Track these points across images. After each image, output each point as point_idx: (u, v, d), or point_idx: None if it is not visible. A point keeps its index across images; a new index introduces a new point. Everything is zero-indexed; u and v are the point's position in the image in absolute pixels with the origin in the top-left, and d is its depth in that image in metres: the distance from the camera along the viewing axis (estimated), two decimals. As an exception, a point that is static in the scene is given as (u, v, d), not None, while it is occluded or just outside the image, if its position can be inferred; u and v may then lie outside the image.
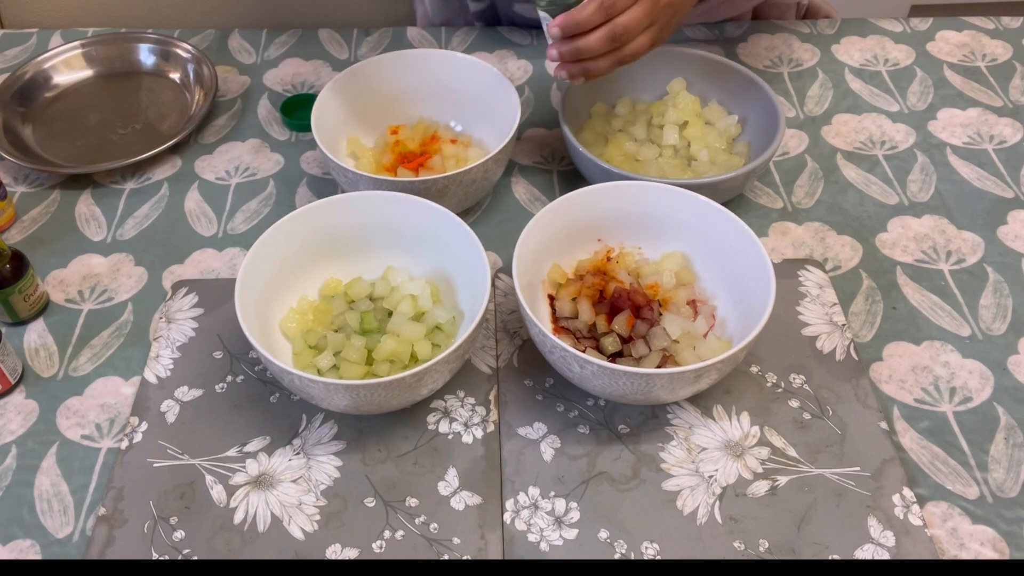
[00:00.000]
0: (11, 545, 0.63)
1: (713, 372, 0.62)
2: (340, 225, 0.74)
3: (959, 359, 0.73)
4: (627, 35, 0.72)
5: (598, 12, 0.71)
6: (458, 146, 0.86)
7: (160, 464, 0.66)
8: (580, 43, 0.72)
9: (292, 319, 0.72)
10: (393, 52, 0.90)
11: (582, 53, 0.73)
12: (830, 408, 0.69)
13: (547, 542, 0.62)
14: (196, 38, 1.08)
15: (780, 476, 0.65)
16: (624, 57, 0.74)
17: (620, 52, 0.74)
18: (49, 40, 1.08)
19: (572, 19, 0.71)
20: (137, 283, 0.80)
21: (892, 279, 0.79)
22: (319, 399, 0.63)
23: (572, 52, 0.73)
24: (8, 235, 0.84)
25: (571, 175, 0.89)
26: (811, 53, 1.04)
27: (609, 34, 0.72)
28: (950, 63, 1.02)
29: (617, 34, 0.72)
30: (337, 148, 0.85)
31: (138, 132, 0.95)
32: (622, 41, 0.73)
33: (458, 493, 0.64)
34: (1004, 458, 0.66)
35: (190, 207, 0.87)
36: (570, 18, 0.71)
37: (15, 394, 0.71)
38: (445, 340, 0.70)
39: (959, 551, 0.61)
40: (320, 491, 0.64)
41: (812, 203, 0.86)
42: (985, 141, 0.92)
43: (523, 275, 0.68)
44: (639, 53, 0.74)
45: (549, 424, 0.68)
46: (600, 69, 0.75)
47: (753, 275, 0.68)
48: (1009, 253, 0.81)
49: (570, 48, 0.73)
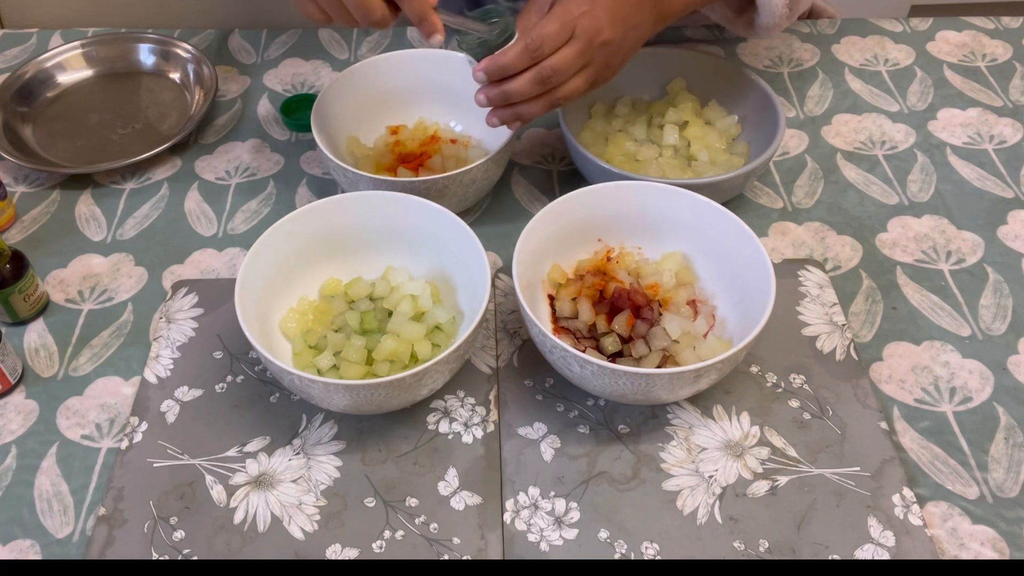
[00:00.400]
0: (11, 545, 0.63)
1: (713, 372, 0.62)
2: (340, 225, 0.74)
3: (959, 359, 0.73)
4: (557, 77, 0.68)
5: (523, 55, 0.67)
6: (458, 146, 0.86)
7: (160, 464, 0.66)
8: (507, 87, 0.69)
9: (292, 319, 0.72)
10: (393, 52, 0.90)
11: (511, 97, 0.69)
12: (830, 408, 0.69)
13: (547, 542, 0.62)
14: (196, 38, 1.08)
15: (780, 476, 0.65)
16: (557, 100, 0.70)
17: (552, 95, 0.70)
18: (49, 40, 1.08)
19: (496, 63, 0.67)
20: (137, 283, 0.80)
21: (892, 279, 0.79)
22: (319, 399, 0.63)
23: (500, 96, 0.69)
24: (8, 235, 0.84)
25: (571, 175, 0.89)
26: (811, 53, 1.04)
27: (537, 77, 0.68)
28: (950, 63, 1.02)
29: (545, 76, 0.68)
30: (337, 148, 0.85)
31: (138, 132, 0.95)
32: (552, 84, 0.69)
33: (458, 493, 0.64)
34: (1004, 458, 0.66)
35: (190, 207, 0.87)
36: (494, 62, 0.67)
37: (15, 394, 0.71)
38: (445, 340, 0.70)
39: (959, 551, 0.61)
40: (320, 491, 0.64)
41: (812, 203, 0.86)
42: (985, 141, 0.93)
43: (523, 275, 0.68)
44: (574, 95, 0.70)
45: (549, 424, 0.68)
46: (532, 113, 0.71)
47: (753, 275, 0.68)
48: (1009, 253, 0.81)
49: (498, 92, 0.69)
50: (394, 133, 0.89)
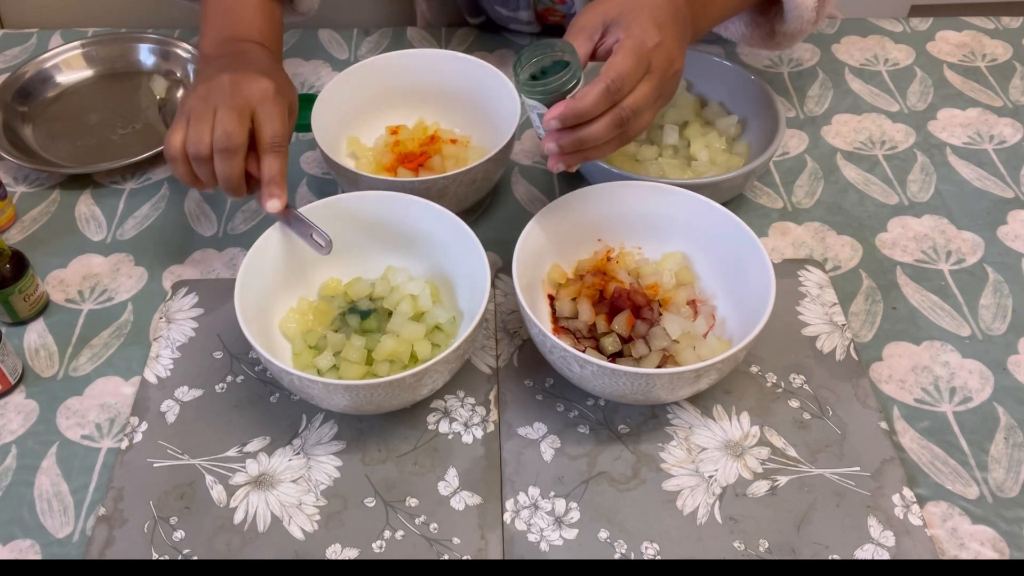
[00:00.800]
0: (11, 545, 0.63)
1: (713, 372, 0.62)
2: (340, 225, 0.74)
3: (959, 359, 0.73)
4: (635, 118, 0.63)
5: (603, 98, 0.61)
6: (458, 146, 0.86)
7: (160, 464, 0.66)
8: (584, 133, 0.63)
9: (292, 319, 0.72)
10: (393, 52, 0.90)
11: (586, 143, 0.63)
12: (830, 408, 0.69)
13: (547, 542, 0.62)
14: (196, 38, 1.07)
15: (780, 476, 0.65)
16: (628, 139, 0.65)
17: (626, 134, 0.64)
18: (49, 40, 1.08)
19: (574, 110, 0.61)
20: (137, 283, 0.80)
21: (892, 279, 0.79)
22: (319, 399, 0.63)
23: (575, 144, 0.63)
24: (8, 235, 0.84)
25: (571, 175, 0.89)
26: (811, 53, 1.04)
27: (616, 120, 0.62)
28: (950, 63, 1.02)
29: (625, 118, 0.62)
30: (337, 148, 0.85)
31: (138, 132, 0.95)
32: (629, 125, 0.63)
33: (458, 493, 0.64)
34: (1004, 458, 0.66)
35: (190, 207, 0.87)
36: (571, 109, 0.61)
37: (15, 394, 0.71)
38: (445, 340, 0.70)
39: (959, 551, 0.61)
40: (320, 491, 0.64)
41: (812, 203, 0.86)
42: (985, 141, 0.93)
43: (523, 275, 0.68)
44: (643, 130, 0.66)
45: (549, 424, 0.68)
46: (602, 155, 0.66)
47: (753, 275, 0.68)
48: (1009, 253, 0.81)
49: (572, 140, 0.63)
50: (394, 133, 0.89)
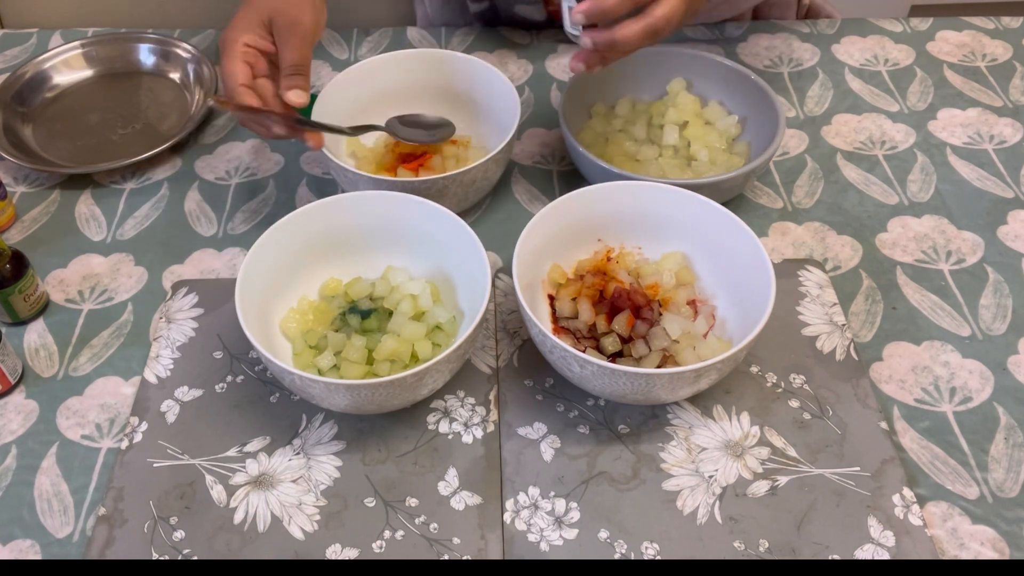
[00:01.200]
0: (11, 545, 0.63)
1: (713, 372, 0.62)
2: (340, 225, 0.74)
3: (959, 359, 0.73)
4: (668, 29, 0.67)
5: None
6: (458, 146, 0.86)
7: (160, 464, 0.66)
8: (619, 36, 0.67)
9: (292, 319, 0.72)
10: (393, 52, 0.90)
11: (617, 47, 0.68)
12: (830, 408, 0.69)
13: (547, 542, 0.62)
14: (196, 38, 1.07)
15: (780, 476, 0.65)
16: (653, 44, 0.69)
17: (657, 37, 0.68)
18: (49, 40, 1.08)
19: (600, 6, 0.66)
20: (137, 283, 0.80)
21: (892, 279, 0.79)
22: (319, 399, 0.63)
23: (607, 44, 0.68)
24: (8, 235, 0.84)
25: (571, 175, 0.89)
26: (811, 53, 1.04)
27: (649, 31, 0.66)
28: (950, 63, 1.02)
29: (658, 29, 0.67)
30: (337, 148, 0.85)
31: (138, 132, 0.95)
32: (660, 37, 0.68)
33: (458, 493, 0.64)
34: (1004, 458, 0.66)
35: (190, 207, 0.87)
36: (597, 4, 0.66)
37: (15, 394, 0.71)
38: (445, 340, 0.70)
39: (959, 551, 0.61)
40: (320, 491, 0.64)
41: (812, 203, 0.86)
42: (985, 141, 0.93)
43: (523, 275, 0.68)
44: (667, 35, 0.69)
45: (549, 424, 0.68)
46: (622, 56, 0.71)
47: (753, 275, 0.68)
48: (1009, 253, 0.81)
49: (606, 39, 0.67)
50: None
